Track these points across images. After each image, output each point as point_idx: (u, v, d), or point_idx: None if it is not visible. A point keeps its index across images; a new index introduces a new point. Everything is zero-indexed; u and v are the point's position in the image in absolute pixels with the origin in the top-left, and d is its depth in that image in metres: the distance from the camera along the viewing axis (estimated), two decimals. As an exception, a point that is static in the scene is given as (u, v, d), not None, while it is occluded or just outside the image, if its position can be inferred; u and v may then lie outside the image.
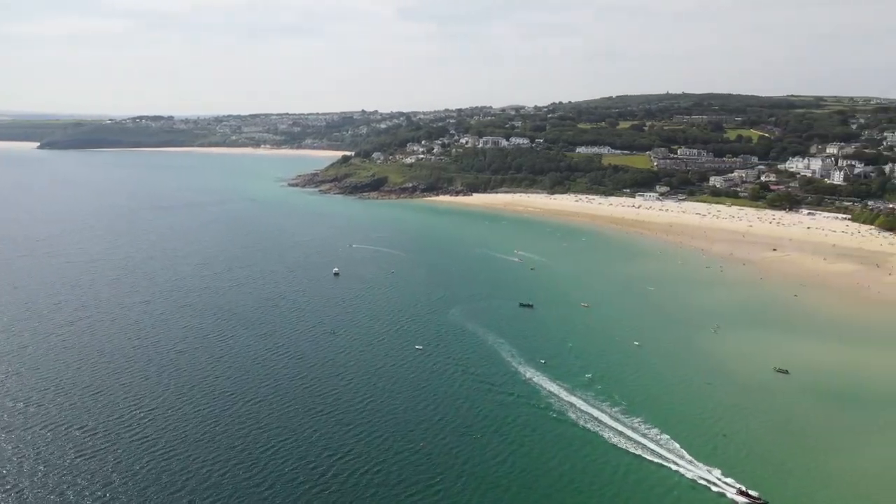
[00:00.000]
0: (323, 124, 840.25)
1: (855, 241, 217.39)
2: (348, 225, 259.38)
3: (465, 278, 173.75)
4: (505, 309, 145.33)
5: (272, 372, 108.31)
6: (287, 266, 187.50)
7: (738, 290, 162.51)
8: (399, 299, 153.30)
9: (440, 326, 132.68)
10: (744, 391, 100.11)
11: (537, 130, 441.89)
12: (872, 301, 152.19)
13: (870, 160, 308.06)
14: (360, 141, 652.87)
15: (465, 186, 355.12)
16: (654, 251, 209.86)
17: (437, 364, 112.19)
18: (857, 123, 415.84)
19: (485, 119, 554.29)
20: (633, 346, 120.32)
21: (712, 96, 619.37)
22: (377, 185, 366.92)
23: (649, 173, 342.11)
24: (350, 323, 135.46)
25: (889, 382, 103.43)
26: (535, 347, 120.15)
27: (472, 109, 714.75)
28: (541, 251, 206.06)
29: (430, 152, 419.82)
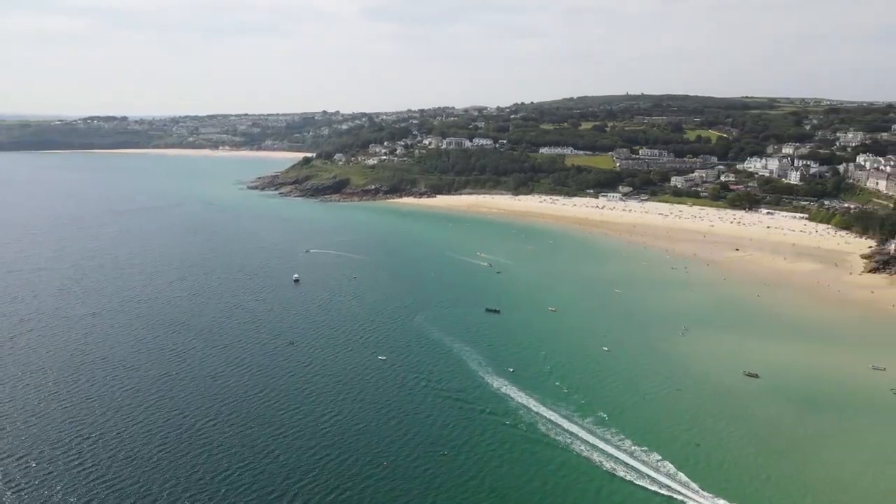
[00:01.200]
0: (283, 125, 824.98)
1: (813, 241, 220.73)
2: (309, 229, 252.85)
3: (429, 283, 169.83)
4: (471, 315, 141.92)
5: (229, 388, 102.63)
6: (246, 273, 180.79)
7: (704, 290, 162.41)
8: (361, 306, 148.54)
9: (404, 335, 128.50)
10: (715, 397, 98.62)
11: (500, 131, 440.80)
12: (834, 300, 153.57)
13: (824, 160, 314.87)
14: (321, 142, 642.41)
15: (428, 188, 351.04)
16: (619, 252, 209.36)
17: (402, 375, 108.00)
18: (810, 124, 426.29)
19: (448, 120, 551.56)
20: (603, 352, 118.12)
21: (671, 97, 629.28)
22: (339, 188, 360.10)
23: (612, 174, 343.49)
24: (311, 332, 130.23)
25: (855, 385, 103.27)
26: (504, 355, 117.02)
27: (436, 110, 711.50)
28: (506, 254, 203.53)
29: (393, 153, 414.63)
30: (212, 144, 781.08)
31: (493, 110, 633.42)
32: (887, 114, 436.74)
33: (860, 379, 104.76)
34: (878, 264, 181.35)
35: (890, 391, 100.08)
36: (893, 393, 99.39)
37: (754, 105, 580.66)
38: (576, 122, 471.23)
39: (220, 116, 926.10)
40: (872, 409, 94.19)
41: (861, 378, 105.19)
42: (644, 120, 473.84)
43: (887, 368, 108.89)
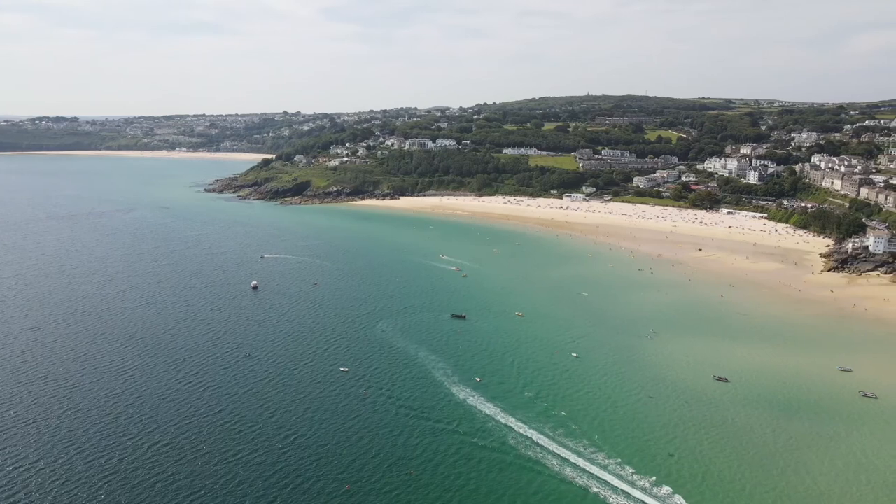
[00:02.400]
0: (242, 126, 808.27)
1: (773, 240, 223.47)
2: (269, 233, 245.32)
3: (393, 288, 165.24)
4: (436, 321, 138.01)
5: (182, 408, 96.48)
6: (201, 280, 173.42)
7: (670, 292, 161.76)
8: (322, 314, 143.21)
9: (367, 344, 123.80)
10: (687, 404, 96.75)
11: (464, 132, 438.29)
12: (796, 300, 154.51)
13: (781, 160, 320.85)
14: (281, 143, 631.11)
15: (391, 190, 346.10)
16: (585, 254, 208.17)
17: (365, 388, 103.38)
18: (765, 125, 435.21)
19: (410, 121, 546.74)
20: (572, 359, 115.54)
21: (631, 98, 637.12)
22: (300, 190, 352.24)
23: (575, 174, 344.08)
24: (269, 344, 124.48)
25: (824, 388, 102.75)
26: (470, 364, 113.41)
27: (398, 111, 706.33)
28: (472, 257, 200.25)
29: (355, 155, 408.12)
30: (168, 146, 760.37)
31: (455, 111, 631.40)
32: (838, 115, 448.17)
33: (828, 381, 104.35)
34: (836, 263, 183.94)
35: (857, 393, 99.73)
36: (861, 395, 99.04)
37: (711, 106, 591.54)
38: (539, 123, 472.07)
39: (176, 117, 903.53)
40: (842, 414, 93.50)
41: (829, 380, 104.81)
42: (606, 121, 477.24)
43: (853, 370, 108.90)
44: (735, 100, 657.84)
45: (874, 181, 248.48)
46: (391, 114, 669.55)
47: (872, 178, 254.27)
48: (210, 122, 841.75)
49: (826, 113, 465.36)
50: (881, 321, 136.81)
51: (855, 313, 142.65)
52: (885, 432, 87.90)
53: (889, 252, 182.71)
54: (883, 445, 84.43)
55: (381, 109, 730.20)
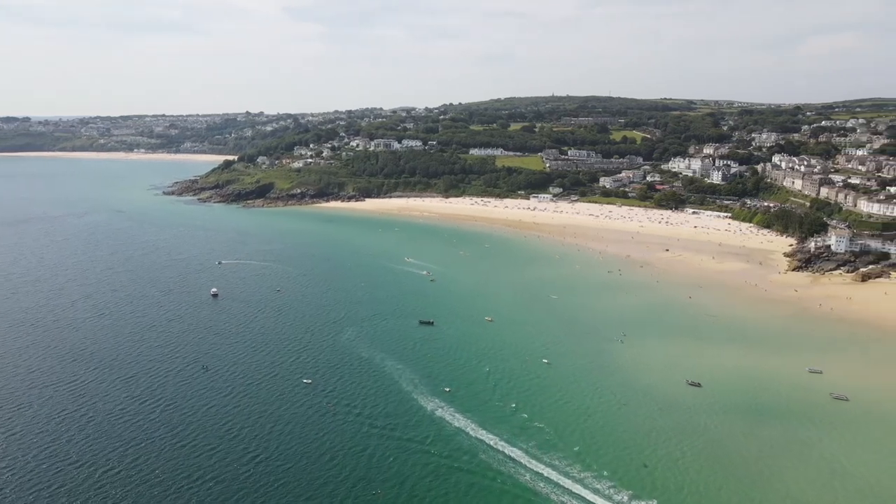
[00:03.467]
0: (204, 126, 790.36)
1: (738, 240, 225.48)
2: (230, 237, 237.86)
3: (359, 294, 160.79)
4: (404, 328, 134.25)
5: (135, 428, 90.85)
6: (159, 288, 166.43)
7: (639, 293, 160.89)
8: (285, 323, 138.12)
9: (332, 354, 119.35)
10: (661, 411, 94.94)
11: (430, 132, 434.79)
12: (764, 300, 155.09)
13: (743, 160, 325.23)
14: (244, 144, 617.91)
15: (357, 191, 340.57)
16: (553, 255, 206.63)
17: (329, 401, 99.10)
18: (727, 125, 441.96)
19: (376, 121, 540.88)
20: (543, 365, 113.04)
21: (595, 99, 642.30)
22: (263, 192, 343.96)
23: (542, 175, 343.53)
24: (229, 355, 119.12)
25: (796, 391, 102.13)
26: (439, 373, 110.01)
27: (363, 111, 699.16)
28: (440, 260, 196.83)
29: (320, 156, 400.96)
30: (125, 147, 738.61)
31: (421, 111, 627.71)
32: (795, 115, 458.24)
33: (799, 384, 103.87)
34: (800, 263, 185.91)
35: (829, 396, 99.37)
36: (832, 398, 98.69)
37: (673, 106, 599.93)
38: (505, 123, 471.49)
39: (134, 117, 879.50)
40: (816, 418, 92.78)
41: (800, 383, 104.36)
42: (571, 121, 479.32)
43: (823, 371, 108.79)
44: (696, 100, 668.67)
45: (833, 181, 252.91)
46: (356, 114, 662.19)
47: (831, 177, 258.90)
48: (170, 123, 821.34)
49: (784, 114, 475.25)
50: (846, 321, 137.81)
51: (821, 313, 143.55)
52: (858, 436, 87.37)
53: (850, 251, 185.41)
54: (856, 450, 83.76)
55: (347, 110, 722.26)
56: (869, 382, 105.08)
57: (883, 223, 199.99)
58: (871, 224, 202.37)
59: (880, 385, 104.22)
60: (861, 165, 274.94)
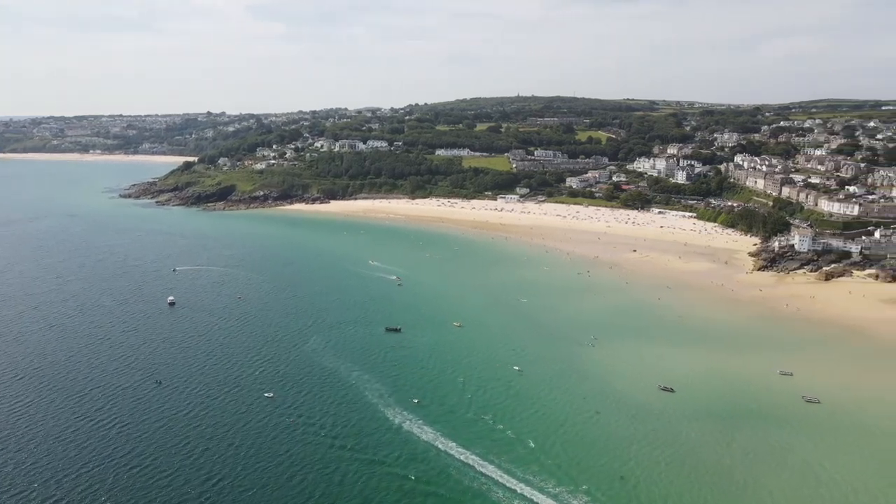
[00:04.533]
0: (163, 127, 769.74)
1: (703, 239, 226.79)
2: (189, 242, 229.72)
3: (324, 300, 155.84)
4: (370, 336, 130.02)
5: (82, 452, 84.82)
6: (113, 298, 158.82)
7: (608, 295, 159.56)
8: (246, 332, 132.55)
9: (295, 365, 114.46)
10: (634, 419, 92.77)
11: (395, 133, 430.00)
12: (731, 301, 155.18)
13: (706, 160, 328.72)
14: (205, 145, 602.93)
15: (321, 193, 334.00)
16: (522, 257, 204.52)
17: (292, 416, 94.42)
18: (689, 125, 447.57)
19: (340, 121, 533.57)
20: (514, 373, 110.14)
21: (560, 99, 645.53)
22: (224, 195, 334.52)
23: (509, 175, 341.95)
24: (186, 368, 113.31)
25: (768, 394, 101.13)
26: (406, 383, 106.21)
27: (328, 111, 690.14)
28: (407, 263, 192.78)
29: (283, 157, 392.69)
30: (81, 148, 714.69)
31: (387, 111, 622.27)
32: (755, 116, 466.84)
33: (771, 387, 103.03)
34: (765, 262, 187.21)
35: (801, 398, 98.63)
36: (805, 400, 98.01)
37: (637, 107, 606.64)
38: (471, 124, 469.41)
39: (90, 117, 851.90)
40: (790, 422, 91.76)
41: (772, 386, 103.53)
42: (537, 121, 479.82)
43: (793, 373, 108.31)
44: (658, 101, 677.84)
45: (794, 180, 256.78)
46: (321, 115, 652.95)
47: (792, 177, 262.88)
48: (127, 123, 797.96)
49: (744, 114, 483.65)
50: (813, 320, 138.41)
51: (788, 313, 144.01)
52: (834, 440, 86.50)
53: (813, 250, 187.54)
54: (834, 455, 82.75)
55: (311, 110, 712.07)
56: (838, 383, 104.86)
57: (843, 222, 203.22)
58: (832, 223, 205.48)
59: (849, 385, 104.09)
60: (820, 165, 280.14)
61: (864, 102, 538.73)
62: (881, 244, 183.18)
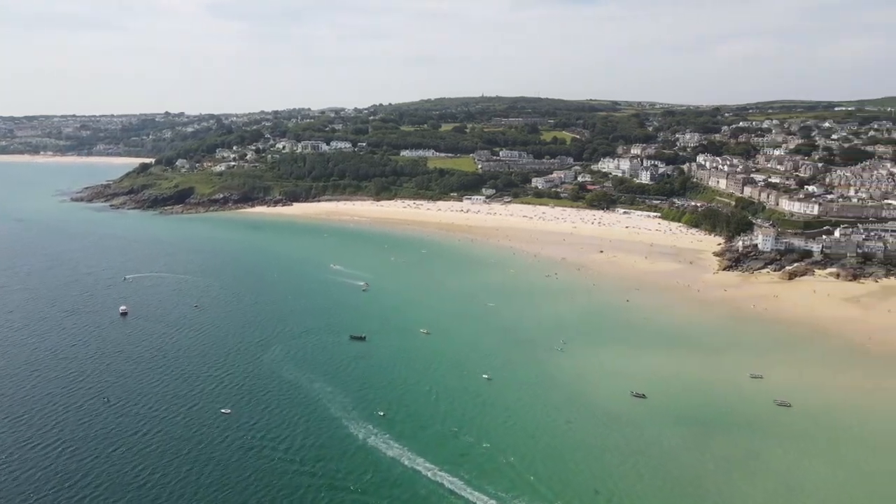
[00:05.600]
0: (119, 128, 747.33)
1: (669, 239, 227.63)
2: (144, 247, 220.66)
3: (285, 307, 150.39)
4: (333, 345, 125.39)
5: (22, 482, 78.27)
6: (61, 308, 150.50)
7: (576, 298, 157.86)
8: (203, 343, 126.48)
9: (254, 378, 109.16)
10: (607, 428, 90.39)
11: (359, 133, 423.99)
12: (698, 301, 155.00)
13: (669, 160, 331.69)
14: (163, 146, 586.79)
15: (283, 195, 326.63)
16: (489, 259, 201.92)
17: (248, 435, 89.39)
18: (652, 125, 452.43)
19: (303, 122, 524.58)
20: (483, 381, 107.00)
21: (524, 99, 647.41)
22: (182, 198, 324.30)
23: (475, 176, 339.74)
24: (138, 384, 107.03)
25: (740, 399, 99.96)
26: (372, 394, 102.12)
27: (290, 111, 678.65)
28: (371, 267, 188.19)
29: (244, 158, 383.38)
30: (31, 149, 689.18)
31: (350, 112, 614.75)
32: (715, 116, 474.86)
33: (743, 391, 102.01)
34: (730, 262, 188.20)
35: (773, 402, 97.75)
36: (776, 404, 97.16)
37: (600, 107, 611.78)
38: (436, 124, 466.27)
39: (41, 117, 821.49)
40: (763, 427, 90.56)
41: (743, 390, 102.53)
42: (501, 121, 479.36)
43: (763, 376, 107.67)
44: (621, 101, 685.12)
45: (755, 180, 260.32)
46: (283, 115, 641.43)
47: (753, 177, 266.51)
48: (81, 124, 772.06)
49: (704, 114, 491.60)
50: (779, 321, 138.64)
51: (755, 314, 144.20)
52: (807, 445, 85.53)
53: (776, 250, 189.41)
54: (808, 461, 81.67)
55: (273, 110, 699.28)
56: (807, 385, 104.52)
57: (804, 222, 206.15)
58: (793, 223, 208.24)
59: (819, 388, 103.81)
60: (780, 165, 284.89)
61: (818, 103, 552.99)
62: (841, 243, 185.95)
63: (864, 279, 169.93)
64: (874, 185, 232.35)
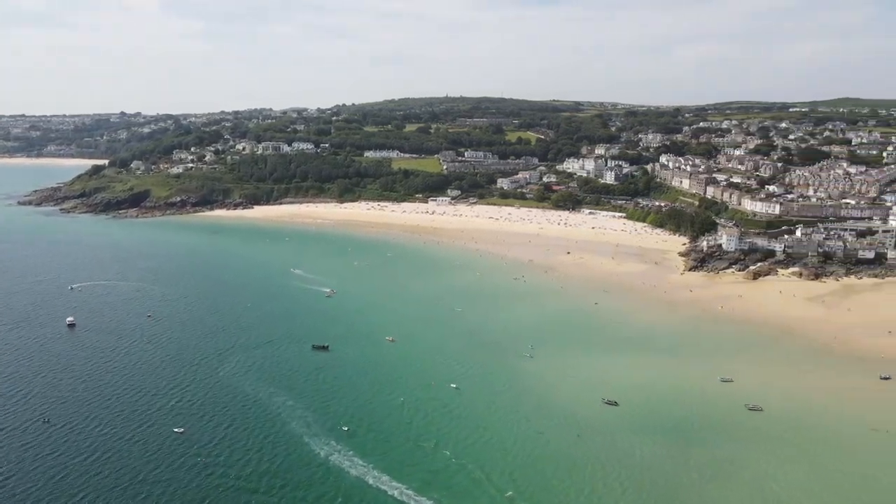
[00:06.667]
0: (71, 128, 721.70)
1: (634, 240, 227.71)
2: (94, 254, 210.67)
3: (245, 316, 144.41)
4: (295, 355, 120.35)
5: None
6: (3, 321, 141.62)
7: (544, 301, 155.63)
8: (156, 356, 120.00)
9: (209, 392, 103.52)
10: (580, 438, 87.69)
11: (322, 134, 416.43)
12: (666, 303, 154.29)
13: (633, 160, 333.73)
14: (118, 148, 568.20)
15: (244, 198, 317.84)
16: (455, 262, 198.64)
17: (203, 456, 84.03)
18: (615, 126, 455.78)
19: (264, 122, 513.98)
20: (451, 391, 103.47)
21: (488, 100, 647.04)
22: (137, 201, 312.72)
23: (440, 177, 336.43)
24: (85, 402, 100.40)
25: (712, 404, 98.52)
26: (335, 408, 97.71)
27: (251, 112, 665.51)
28: (335, 272, 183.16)
29: (202, 160, 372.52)
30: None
31: (313, 112, 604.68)
32: (676, 117, 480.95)
33: (714, 396, 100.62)
34: (696, 262, 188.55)
35: (744, 407, 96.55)
36: (748, 409, 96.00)
37: (563, 107, 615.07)
38: (400, 125, 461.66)
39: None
40: (736, 434, 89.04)
41: (715, 395, 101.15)
42: (466, 122, 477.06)
43: (734, 379, 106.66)
44: (583, 102, 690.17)
45: (718, 180, 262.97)
46: (244, 115, 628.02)
47: (716, 177, 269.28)
48: (30, 124, 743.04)
49: (666, 115, 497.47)
50: (746, 322, 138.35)
51: (722, 315, 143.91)
52: (782, 451, 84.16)
53: (740, 249, 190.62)
54: (784, 468, 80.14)
55: (234, 111, 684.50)
56: (777, 388, 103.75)
57: (767, 221, 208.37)
58: (756, 222, 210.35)
59: (787, 390, 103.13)
60: (740, 165, 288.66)
61: (773, 104, 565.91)
62: (803, 243, 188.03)
63: (825, 278, 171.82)
64: (832, 185, 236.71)
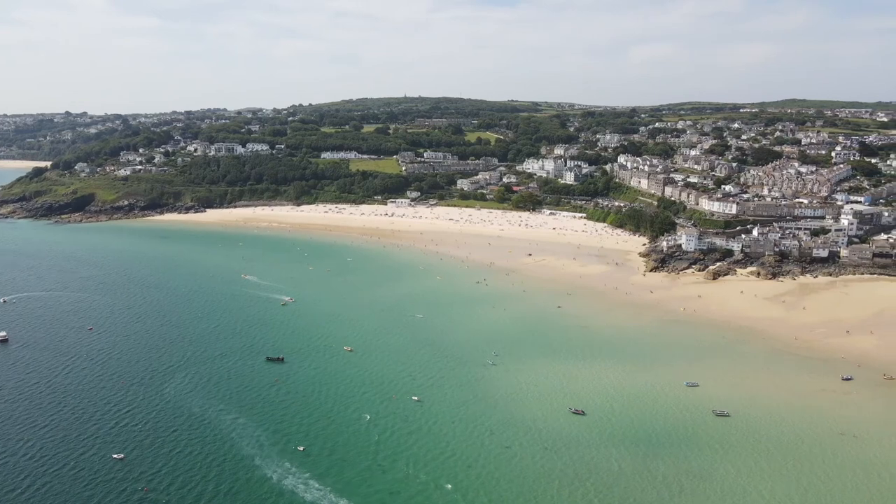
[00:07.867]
0: (12, 128, 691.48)
1: (595, 241, 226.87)
2: (32, 262, 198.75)
3: (194, 327, 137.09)
4: (247, 369, 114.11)
5: None
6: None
7: (507, 306, 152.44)
8: (96, 374, 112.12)
9: (154, 413, 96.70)
10: (548, 451, 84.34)
11: (278, 135, 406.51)
12: (629, 305, 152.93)
13: (592, 160, 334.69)
14: (63, 149, 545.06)
15: (196, 202, 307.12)
16: (416, 266, 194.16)
17: (144, 482, 77.73)
18: (573, 126, 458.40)
19: (218, 123, 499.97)
20: (413, 404, 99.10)
21: (447, 100, 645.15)
22: (81, 205, 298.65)
23: (399, 178, 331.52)
24: (14, 427, 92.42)
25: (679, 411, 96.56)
26: (290, 426, 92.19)
27: (204, 112, 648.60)
28: (291, 278, 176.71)
29: (151, 162, 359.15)
30: None
31: (269, 112, 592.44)
32: (632, 117, 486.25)
33: (681, 402, 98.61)
34: (657, 263, 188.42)
35: (711, 413, 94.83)
36: (715, 415, 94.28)
37: (521, 108, 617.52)
38: (358, 125, 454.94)
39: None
40: (705, 442, 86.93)
41: (681, 401, 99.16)
42: (425, 122, 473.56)
43: (699, 384, 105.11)
44: (541, 102, 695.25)
45: (675, 180, 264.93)
46: (196, 115, 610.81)
47: (673, 177, 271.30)
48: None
49: (622, 115, 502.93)
50: (709, 323, 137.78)
51: (684, 317, 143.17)
52: (751, 459, 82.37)
53: (699, 249, 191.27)
54: (755, 477, 78.27)
55: (186, 111, 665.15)
56: (743, 392, 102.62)
57: (724, 221, 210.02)
58: (714, 222, 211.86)
59: (752, 393, 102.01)
60: (697, 165, 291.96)
61: (725, 105, 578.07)
62: (759, 242, 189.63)
63: (782, 277, 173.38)
64: (785, 185, 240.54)
